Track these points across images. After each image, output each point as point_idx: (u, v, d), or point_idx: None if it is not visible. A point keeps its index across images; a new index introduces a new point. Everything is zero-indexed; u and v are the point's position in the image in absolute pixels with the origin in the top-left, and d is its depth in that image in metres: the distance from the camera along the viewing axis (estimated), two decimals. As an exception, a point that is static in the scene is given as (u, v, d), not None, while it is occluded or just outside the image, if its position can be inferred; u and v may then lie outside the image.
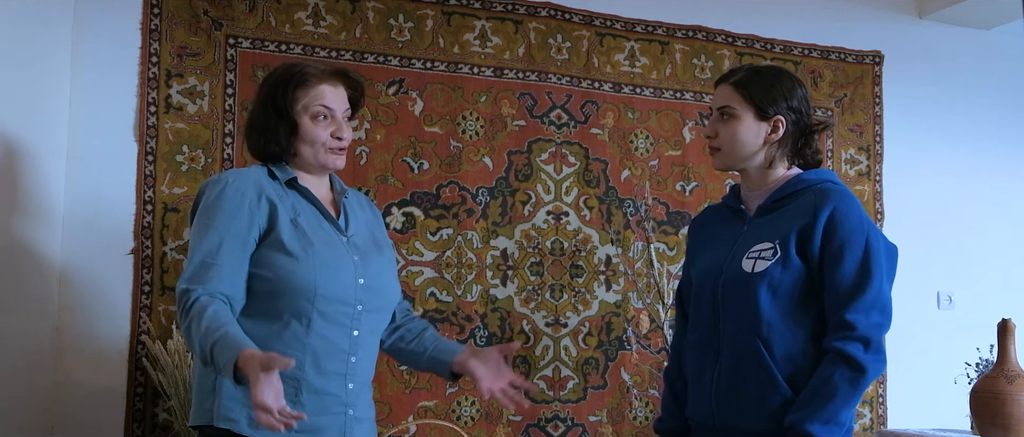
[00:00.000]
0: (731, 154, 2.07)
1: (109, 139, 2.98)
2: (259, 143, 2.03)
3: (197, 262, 1.89)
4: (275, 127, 2.00)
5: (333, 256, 1.97)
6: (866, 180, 3.95)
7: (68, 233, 2.91)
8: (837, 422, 1.88)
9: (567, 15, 3.56)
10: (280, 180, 2.00)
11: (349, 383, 1.98)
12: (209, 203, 1.93)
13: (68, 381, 2.88)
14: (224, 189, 1.93)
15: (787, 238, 1.96)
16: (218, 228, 1.90)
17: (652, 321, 3.52)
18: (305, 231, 1.96)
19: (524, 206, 3.46)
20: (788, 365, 1.95)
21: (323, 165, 2.04)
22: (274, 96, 2.01)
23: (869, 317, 1.90)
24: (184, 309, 1.87)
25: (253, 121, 2.05)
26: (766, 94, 2.03)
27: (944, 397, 3.47)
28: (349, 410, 1.98)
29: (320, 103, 2.01)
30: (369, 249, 2.07)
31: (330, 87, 2.03)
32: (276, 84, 2.02)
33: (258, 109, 2.04)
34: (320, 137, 2.01)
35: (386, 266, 2.10)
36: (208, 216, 1.92)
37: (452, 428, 3.22)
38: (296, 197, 2.01)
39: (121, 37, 3.01)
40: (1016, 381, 2.82)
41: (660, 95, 3.67)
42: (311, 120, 2.00)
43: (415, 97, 3.34)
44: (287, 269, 1.91)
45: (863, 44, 3.99)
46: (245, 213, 1.92)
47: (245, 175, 1.98)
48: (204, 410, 1.93)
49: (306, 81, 2.01)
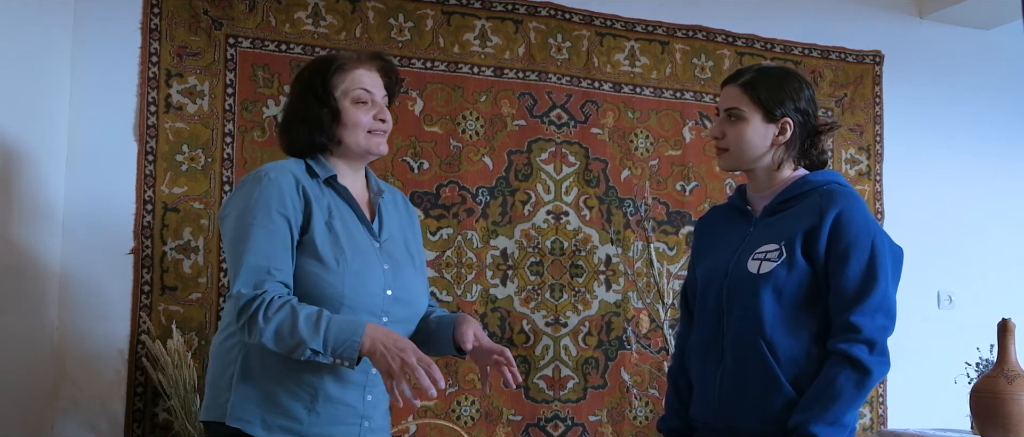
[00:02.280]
0: (738, 155, 2.06)
1: (109, 139, 2.97)
2: (302, 135, 1.98)
3: (252, 264, 1.83)
4: (318, 115, 1.96)
5: (363, 265, 1.93)
6: (866, 180, 3.95)
7: (68, 233, 2.91)
8: (841, 424, 1.88)
9: (567, 15, 3.56)
10: (319, 177, 1.96)
11: (367, 395, 1.96)
12: (252, 200, 1.87)
13: (68, 381, 2.88)
14: (266, 185, 1.88)
15: (793, 240, 1.96)
16: (264, 226, 1.85)
17: (652, 321, 3.52)
18: (338, 236, 1.92)
19: (524, 206, 3.46)
20: (792, 366, 1.94)
21: (367, 150, 2.00)
22: (313, 85, 1.97)
23: (874, 319, 1.90)
24: (259, 312, 1.80)
25: (293, 115, 2.00)
26: (774, 96, 2.03)
27: (944, 397, 3.47)
28: (365, 421, 1.96)
29: (360, 87, 1.98)
30: (401, 257, 2.03)
31: (367, 71, 2.01)
32: (313, 74, 1.99)
33: (297, 102, 2.00)
34: (362, 121, 1.98)
35: (416, 277, 2.06)
36: (252, 214, 1.86)
37: (452, 428, 3.22)
38: (332, 196, 1.97)
39: (121, 37, 3.01)
40: (1016, 381, 2.82)
41: (660, 95, 3.67)
42: (352, 105, 1.97)
43: (415, 97, 3.34)
44: (316, 276, 1.88)
45: (863, 44, 3.99)
46: (289, 209, 1.88)
47: (283, 168, 1.93)
48: (217, 406, 1.90)
49: (343, 66, 1.99)
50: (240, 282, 1.83)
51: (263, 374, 1.88)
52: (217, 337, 2.00)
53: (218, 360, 1.95)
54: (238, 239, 1.87)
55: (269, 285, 1.83)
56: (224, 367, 1.92)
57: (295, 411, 1.88)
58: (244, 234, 1.85)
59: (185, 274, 3.02)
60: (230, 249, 1.90)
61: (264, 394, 1.87)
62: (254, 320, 1.80)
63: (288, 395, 1.87)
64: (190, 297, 3.02)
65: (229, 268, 1.96)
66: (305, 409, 1.87)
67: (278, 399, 1.87)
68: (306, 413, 1.88)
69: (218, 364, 1.94)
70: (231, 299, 1.86)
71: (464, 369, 3.32)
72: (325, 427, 1.89)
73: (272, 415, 1.87)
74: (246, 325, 1.82)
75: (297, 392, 1.88)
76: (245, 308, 1.81)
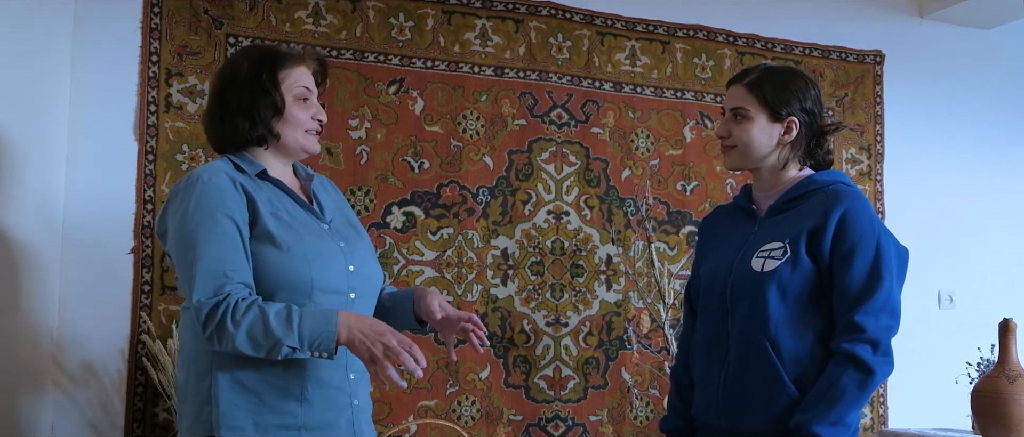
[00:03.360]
0: (744, 155, 2.06)
1: (109, 138, 2.97)
2: (239, 129, 1.91)
3: (206, 270, 1.77)
4: (259, 109, 1.91)
5: (321, 246, 1.91)
6: (867, 180, 3.95)
7: (68, 232, 2.90)
8: (844, 424, 1.88)
9: (568, 14, 3.55)
10: (249, 173, 1.91)
11: (350, 373, 1.94)
12: (190, 207, 1.81)
13: (68, 380, 2.88)
14: (203, 188, 1.82)
15: (797, 238, 1.96)
16: (210, 230, 1.79)
17: (653, 321, 3.51)
18: (289, 224, 1.89)
19: (525, 205, 3.45)
20: (795, 366, 1.94)
21: (303, 148, 1.97)
22: (258, 77, 1.91)
23: (878, 319, 1.90)
24: (226, 317, 1.74)
25: (230, 106, 1.92)
26: (779, 95, 2.03)
27: (945, 397, 3.46)
28: (353, 400, 1.95)
29: (303, 84, 1.96)
30: (349, 234, 2.01)
31: (306, 69, 1.99)
32: (259, 66, 1.93)
33: (236, 93, 1.92)
34: (303, 118, 1.95)
35: (368, 250, 2.05)
36: (194, 220, 1.80)
37: (452, 428, 3.20)
38: (269, 188, 1.93)
39: (121, 36, 3.01)
40: (1017, 381, 2.82)
41: (661, 94, 3.67)
42: (294, 101, 1.95)
43: (416, 96, 3.34)
44: (279, 264, 1.84)
45: (864, 44, 3.99)
46: (232, 209, 1.82)
47: (215, 170, 1.86)
48: (201, 421, 1.84)
49: (288, 62, 1.95)
50: (198, 290, 1.76)
51: (245, 377, 1.83)
52: (183, 351, 1.93)
53: (192, 373, 1.87)
54: (185, 248, 1.80)
55: (230, 287, 1.76)
56: (199, 379, 1.85)
57: (286, 406, 1.85)
58: (190, 242, 1.79)
59: (185, 274, 3.02)
60: (179, 261, 1.82)
61: (251, 397, 1.83)
62: (222, 327, 1.74)
63: (275, 392, 1.84)
64: (190, 297, 3.02)
65: (180, 282, 1.84)
66: (296, 401, 1.84)
67: (266, 399, 1.83)
68: (298, 405, 1.85)
69: (193, 377, 1.87)
70: (190, 310, 1.79)
71: (464, 369, 3.32)
72: (318, 414, 1.87)
73: (264, 415, 1.83)
74: (214, 334, 1.75)
75: (284, 387, 1.84)
76: (210, 316, 1.75)
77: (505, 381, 3.37)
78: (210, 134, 1.98)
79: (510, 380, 3.38)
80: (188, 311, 1.86)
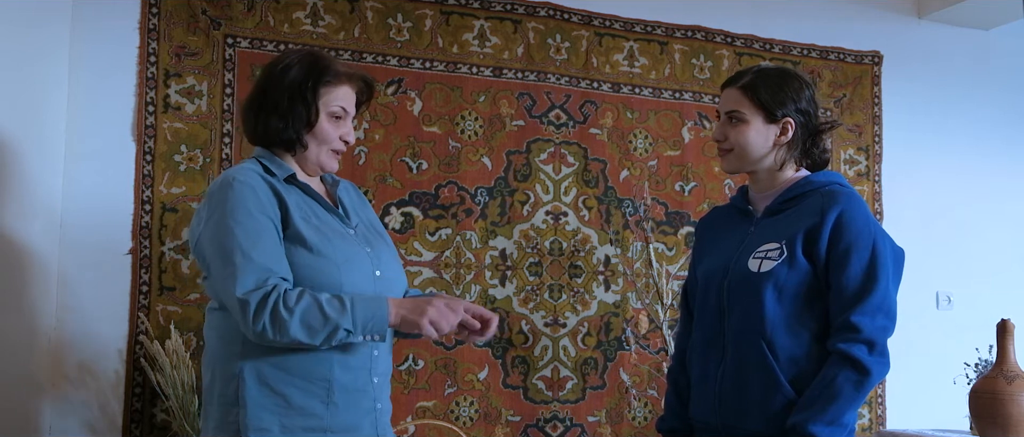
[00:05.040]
0: (741, 158, 2.06)
1: (107, 139, 2.97)
2: (272, 127, 1.95)
3: (250, 265, 1.78)
4: (296, 116, 1.94)
5: (349, 251, 1.93)
6: (865, 180, 3.95)
7: (66, 233, 2.90)
8: (840, 424, 1.88)
9: (566, 15, 3.55)
10: (278, 176, 1.94)
11: (374, 377, 1.96)
12: (228, 207, 1.82)
13: (66, 381, 2.88)
14: (240, 187, 1.84)
15: (794, 239, 1.96)
16: (250, 227, 1.81)
17: (651, 321, 3.51)
18: (318, 226, 1.91)
19: (523, 206, 3.45)
20: (791, 366, 1.95)
21: (322, 166, 2.01)
22: (302, 85, 1.94)
23: (874, 320, 1.90)
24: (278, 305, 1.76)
25: (270, 105, 1.95)
26: (774, 97, 2.03)
27: (943, 397, 3.47)
28: (377, 403, 1.97)
29: (340, 104, 1.98)
30: (375, 240, 2.05)
31: (350, 89, 2.01)
32: (306, 75, 1.95)
33: (281, 95, 1.95)
34: (331, 137, 1.98)
35: (393, 255, 2.08)
36: (234, 218, 1.81)
37: (451, 428, 3.22)
38: (297, 193, 1.95)
39: (119, 36, 3.01)
40: (1015, 381, 2.82)
41: (659, 95, 3.67)
42: (328, 118, 1.97)
43: (414, 97, 3.34)
44: (311, 266, 1.86)
45: (862, 44, 3.99)
46: (267, 208, 1.85)
47: (247, 170, 1.90)
48: (228, 423, 1.85)
49: (334, 80, 1.98)
50: (240, 285, 1.76)
51: (272, 379, 1.85)
52: (209, 353, 1.94)
53: (218, 375, 1.89)
54: (225, 247, 1.80)
55: (274, 280, 1.78)
56: (227, 382, 1.87)
57: (312, 407, 1.87)
58: (230, 240, 1.79)
59: (183, 274, 3.02)
60: (217, 260, 1.82)
61: (278, 399, 1.85)
62: (276, 315, 1.75)
63: (302, 394, 1.86)
64: (188, 297, 3.02)
65: (219, 281, 1.82)
66: (322, 403, 1.86)
67: (293, 400, 1.86)
68: (324, 407, 1.87)
69: (219, 379, 1.88)
70: (217, 311, 1.81)
71: (463, 369, 3.32)
72: (343, 416, 1.89)
73: (290, 417, 1.86)
74: (267, 324, 1.76)
75: (310, 389, 1.87)
76: (260, 306, 1.76)
77: (503, 382, 3.38)
78: (245, 121, 2.01)
79: (508, 381, 3.38)
80: (214, 312, 1.90)
